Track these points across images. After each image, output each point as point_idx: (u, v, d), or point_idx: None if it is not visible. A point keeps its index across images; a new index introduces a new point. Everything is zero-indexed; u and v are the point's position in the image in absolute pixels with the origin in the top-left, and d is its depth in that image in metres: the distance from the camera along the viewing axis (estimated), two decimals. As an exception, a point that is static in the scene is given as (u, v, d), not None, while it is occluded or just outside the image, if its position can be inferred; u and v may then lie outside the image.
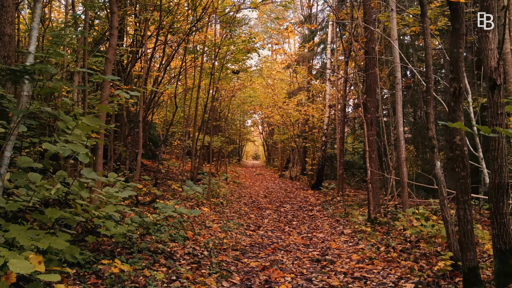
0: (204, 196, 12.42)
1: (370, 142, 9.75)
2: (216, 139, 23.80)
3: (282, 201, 14.93)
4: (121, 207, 4.35)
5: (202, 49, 16.07)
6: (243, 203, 13.54)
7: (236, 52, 16.28)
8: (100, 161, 6.93)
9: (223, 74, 18.46)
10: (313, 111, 18.93)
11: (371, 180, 9.67)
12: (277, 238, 8.16)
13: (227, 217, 9.97)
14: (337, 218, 11.45)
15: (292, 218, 11.45)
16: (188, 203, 11.40)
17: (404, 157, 7.96)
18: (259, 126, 45.90)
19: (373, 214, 9.59)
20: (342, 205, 14.06)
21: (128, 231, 5.20)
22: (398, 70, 7.79)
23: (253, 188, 19.28)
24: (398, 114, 7.86)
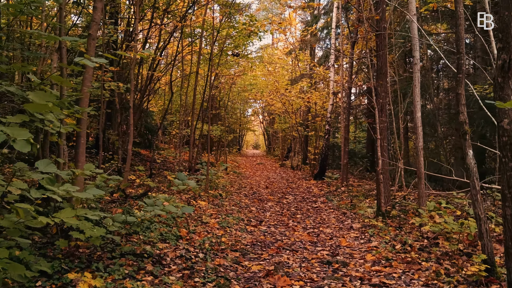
0: (202, 188, 11.68)
1: (381, 129, 8.98)
2: (216, 128, 23.02)
3: (284, 192, 14.21)
4: (83, 212, 3.59)
5: (200, 33, 15.24)
6: (244, 195, 12.82)
7: (237, 36, 15.45)
8: (82, 151, 6.16)
9: (222, 60, 17.64)
10: (316, 98, 18.12)
11: (382, 170, 8.91)
12: (281, 235, 7.43)
13: (226, 211, 9.24)
14: (344, 210, 10.73)
15: (296, 210, 10.72)
16: (184, 195, 10.66)
17: (422, 146, 7.20)
18: (259, 115, 45.15)
19: (383, 207, 8.86)
20: (347, 196, 13.34)
21: (108, 233, 4.45)
22: (416, 48, 7.00)
23: (253, 178, 18.56)
24: (416, 98, 7.10)
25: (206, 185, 11.19)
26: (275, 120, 31.95)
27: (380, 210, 9.13)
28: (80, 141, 6.22)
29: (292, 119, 19.97)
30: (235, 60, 20.65)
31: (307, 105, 19.62)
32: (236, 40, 16.17)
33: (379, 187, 8.93)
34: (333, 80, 17.54)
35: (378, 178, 8.87)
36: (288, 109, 20.15)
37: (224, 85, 23.23)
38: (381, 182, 8.78)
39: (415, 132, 7.25)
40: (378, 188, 9.34)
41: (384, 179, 9.00)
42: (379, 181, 8.89)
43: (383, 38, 9.36)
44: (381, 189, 8.79)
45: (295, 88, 18.52)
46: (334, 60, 17.62)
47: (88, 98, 6.39)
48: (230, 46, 17.12)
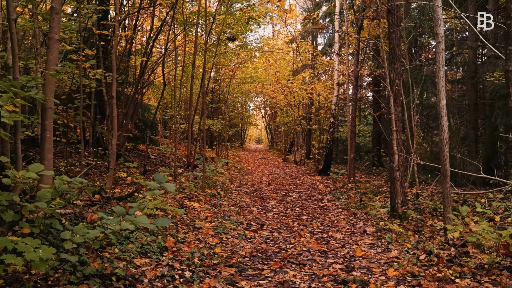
0: (199, 186, 10.73)
1: (396, 120, 7.98)
2: (216, 122, 22.06)
3: (287, 189, 13.25)
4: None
5: (195, 19, 14.23)
6: (244, 193, 11.86)
7: (234, 23, 14.43)
8: (48, 147, 5.20)
9: (220, 50, 16.63)
10: (320, 89, 17.10)
11: (398, 167, 7.93)
12: (285, 242, 6.47)
13: (223, 213, 8.28)
14: (353, 210, 9.77)
15: (301, 210, 9.76)
16: (179, 194, 9.71)
17: (447, 139, 6.21)
18: (261, 110, 44.19)
19: (400, 208, 7.88)
20: (355, 193, 12.39)
21: (60, 252, 3.50)
22: (440, 24, 5.99)
23: (255, 174, 17.61)
24: (440, 82, 6.10)
25: (203, 183, 10.23)
26: (277, 114, 30.98)
27: (396, 211, 8.16)
28: (46, 135, 5.27)
29: (295, 112, 18.95)
30: (234, 51, 19.67)
31: (310, 96, 18.60)
32: (235, 27, 15.17)
33: (394, 185, 7.95)
34: (338, 69, 16.52)
35: (394, 176, 7.89)
36: (291, 101, 19.14)
37: (223, 78, 22.23)
38: (397, 180, 7.81)
39: (440, 123, 6.26)
40: (393, 186, 8.37)
41: (401, 176, 8.02)
42: (394, 179, 7.91)
43: (396, 18, 8.35)
44: (397, 188, 7.82)
45: (297, 79, 17.50)
46: (338, 48, 16.59)
47: (54, 84, 5.41)
48: (229, 35, 16.12)
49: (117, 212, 4.00)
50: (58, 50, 5.21)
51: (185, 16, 13.92)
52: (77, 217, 5.46)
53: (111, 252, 4.50)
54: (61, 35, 9.46)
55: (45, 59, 5.57)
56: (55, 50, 5.12)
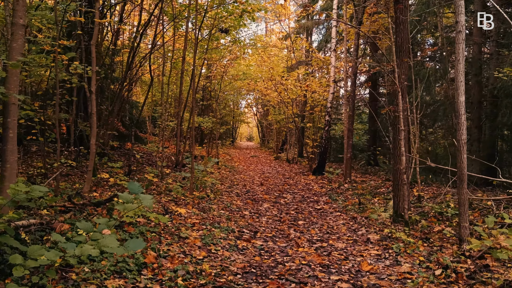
0: (187, 188, 10.02)
1: (404, 118, 7.34)
2: (207, 119, 21.32)
3: (281, 190, 12.58)
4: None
5: (186, 12, 13.48)
6: (236, 194, 11.17)
7: (227, 16, 13.70)
8: (11, 148, 4.48)
9: (211, 45, 15.90)
10: (315, 86, 16.44)
11: (405, 169, 7.29)
12: (281, 253, 5.80)
13: (212, 219, 7.59)
14: (352, 213, 9.13)
15: (297, 214, 9.10)
16: (164, 197, 9.00)
17: (465, 140, 5.56)
18: (253, 107, 43.50)
19: (406, 213, 7.24)
20: (352, 194, 11.77)
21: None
22: (461, 11, 5.34)
23: (247, 173, 16.92)
24: (459, 76, 5.45)
25: (191, 185, 9.51)
26: (270, 112, 30.31)
27: (401, 217, 7.54)
28: (8, 134, 4.56)
29: (289, 110, 18.27)
30: (226, 48, 18.95)
31: (305, 93, 17.92)
32: (228, 21, 14.45)
33: (401, 189, 7.31)
34: (335, 65, 15.87)
35: (401, 179, 7.25)
36: (285, 98, 18.46)
37: (215, 74, 21.48)
38: (405, 184, 7.16)
39: (457, 121, 5.60)
40: (396, 189, 7.74)
41: (407, 180, 7.38)
42: (401, 181, 7.27)
43: (404, 8, 7.70)
44: (404, 192, 7.18)
45: (292, 75, 16.81)
46: (335, 44, 15.94)
47: (18, 77, 4.68)
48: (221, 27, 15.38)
49: (81, 229, 3.28)
50: (23, 37, 4.48)
51: (175, 10, 13.18)
52: (45, 229, 4.73)
53: (79, 272, 3.78)
54: (38, 25, 8.69)
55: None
56: (19, 37, 4.40)
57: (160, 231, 6.04)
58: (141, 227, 5.88)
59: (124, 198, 3.64)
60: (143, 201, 3.63)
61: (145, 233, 5.72)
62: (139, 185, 3.86)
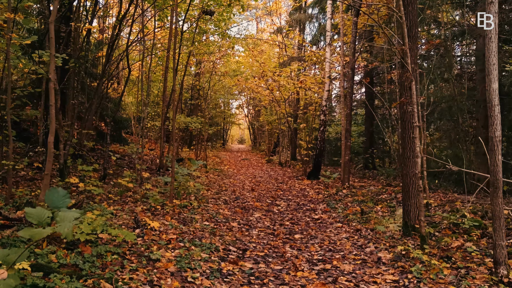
0: (168, 195, 8.85)
1: (418, 113, 6.23)
2: (195, 120, 20.13)
3: (274, 196, 11.44)
4: None
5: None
6: (223, 202, 10.01)
7: (213, 5, 12.57)
8: None
9: (198, 38, 14.75)
10: (310, 83, 15.34)
11: (415, 174, 6.18)
12: (276, 280, 4.64)
13: (193, 233, 6.41)
14: (355, 224, 8.02)
15: (292, 226, 7.97)
16: (140, 206, 7.82)
17: (499, 137, 4.48)
18: (244, 108, 42.41)
19: (422, 225, 6.13)
20: (352, 201, 10.67)
21: None
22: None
23: (237, 177, 15.77)
24: (491, 59, 4.39)
25: (171, 192, 8.32)
26: (261, 113, 29.21)
27: (415, 229, 6.44)
28: None
29: (282, 109, 17.14)
30: (214, 43, 17.80)
31: (298, 91, 16.81)
32: (215, 9, 13.33)
33: (416, 197, 6.21)
34: (330, 61, 14.79)
35: (416, 185, 6.14)
36: (277, 96, 17.33)
37: (203, 71, 20.32)
38: (421, 191, 6.05)
39: (489, 114, 4.53)
40: (409, 197, 6.66)
41: (417, 185, 6.25)
42: (416, 188, 6.16)
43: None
44: (419, 201, 6.07)
45: (285, 71, 15.69)
46: (330, 38, 14.86)
47: None
48: (209, 21, 14.25)
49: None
50: None
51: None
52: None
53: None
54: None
55: None
56: None
57: (125, 251, 4.87)
58: (101, 246, 4.70)
59: (36, 216, 2.47)
60: (60, 223, 2.46)
61: (104, 255, 4.55)
62: (65, 193, 2.73)
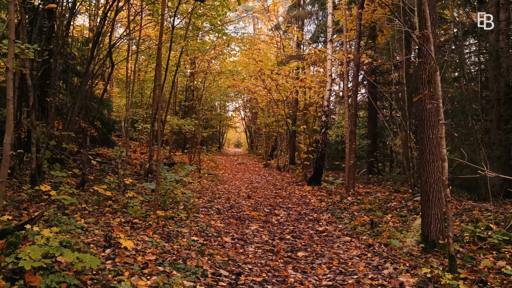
0: (151, 206, 7.80)
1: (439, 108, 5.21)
2: (189, 122, 19.12)
3: (272, 204, 10.41)
4: None
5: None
6: (216, 211, 8.97)
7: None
8: None
9: (191, 33, 13.76)
10: (310, 81, 14.34)
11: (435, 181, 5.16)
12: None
13: (177, 252, 5.37)
14: (366, 238, 7.00)
15: (294, 240, 6.94)
16: (118, 218, 6.78)
17: None
18: (241, 111, 41.43)
19: (451, 243, 5.11)
20: (359, 210, 9.66)
21: None
22: None
23: (233, 183, 14.73)
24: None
25: (155, 201, 7.27)
26: (258, 115, 28.22)
27: (439, 246, 5.42)
28: None
29: (280, 109, 16.12)
30: (210, 44, 16.85)
31: (298, 90, 15.80)
32: (207, 4, 12.36)
33: (439, 208, 5.20)
34: (331, 58, 13.80)
35: (443, 194, 5.11)
36: (276, 97, 16.31)
37: (198, 71, 19.29)
38: (449, 201, 5.03)
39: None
40: (430, 207, 5.66)
41: (439, 194, 5.24)
42: (444, 197, 5.13)
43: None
44: (448, 214, 5.04)
45: (284, 70, 14.69)
46: (332, 33, 13.87)
47: None
48: (202, 18, 13.28)
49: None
50: None
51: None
52: None
53: None
54: None
55: None
56: None
57: (87, 281, 3.84)
58: (54, 275, 3.67)
59: None
60: None
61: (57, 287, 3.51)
62: None
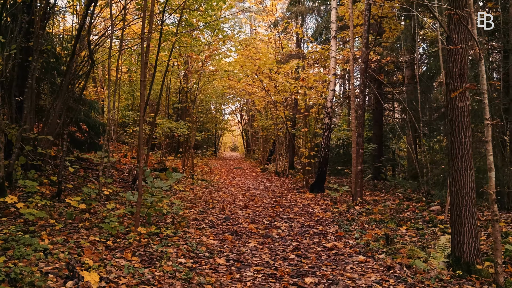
0: (133, 220, 6.76)
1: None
2: (182, 125, 18.10)
3: (272, 215, 9.37)
4: None
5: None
6: (209, 224, 7.92)
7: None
8: None
9: (181, 29, 12.72)
10: (314, 80, 13.33)
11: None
12: None
13: (159, 283, 4.32)
14: (384, 258, 5.98)
15: (299, 260, 5.90)
16: (93, 236, 5.73)
17: None
18: (237, 114, 40.44)
19: (499, 272, 4.09)
20: (369, 221, 8.67)
21: None
22: None
23: (228, 190, 13.69)
24: None
25: (136, 216, 6.21)
26: (255, 118, 27.21)
27: (480, 273, 4.40)
28: None
29: (280, 111, 15.09)
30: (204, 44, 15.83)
31: (299, 90, 14.78)
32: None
33: (473, 225, 4.23)
34: (335, 56, 12.81)
35: (471, 209, 4.13)
36: (276, 97, 15.28)
37: (192, 71, 18.26)
38: (497, 220, 4.01)
39: None
40: (464, 225, 4.67)
41: (472, 209, 4.22)
42: (491, 215, 4.12)
43: None
44: (495, 236, 4.02)
45: (284, 68, 13.65)
46: (336, 30, 12.89)
47: None
48: (194, 12, 12.28)
49: None
50: None
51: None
52: None
53: None
54: None
55: None
56: None
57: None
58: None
59: None
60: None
61: None
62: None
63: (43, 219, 6.36)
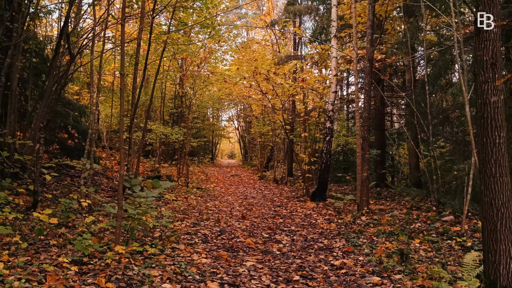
0: (110, 238, 5.94)
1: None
2: (177, 130, 17.31)
3: (272, 227, 8.55)
4: None
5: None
6: (201, 238, 7.09)
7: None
8: None
9: (174, 26, 12.01)
10: (314, 82, 12.57)
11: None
12: None
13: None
14: (401, 278, 5.17)
15: (305, 283, 5.08)
16: (63, 256, 4.90)
17: None
18: (234, 121, 39.73)
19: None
20: (377, 233, 7.87)
21: None
22: None
23: (225, 198, 12.88)
24: None
25: (116, 232, 5.38)
26: (253, 124, 26.44)
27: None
28: None
29: (278, 115, 14.30)
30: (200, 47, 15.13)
31: (299, 91, 14.03)
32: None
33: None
34: (336, 56, 12.07)
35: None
36: (274, 100, 14.50)
37: (187, 75, 17.49)
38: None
39: None
40: (500, 242, 3.94)
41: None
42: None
43: None
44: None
45: (282, 69, 12.88)
46: (336, 29, 12.16)
47: None
48: (187, 11, 11.56)
49: None
50: None
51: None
52: None
53: None
54: None
55: None
56: None
57: None
58: None
59: None
60: None
61: None
62: None
63: (9, 236, 5.53)
